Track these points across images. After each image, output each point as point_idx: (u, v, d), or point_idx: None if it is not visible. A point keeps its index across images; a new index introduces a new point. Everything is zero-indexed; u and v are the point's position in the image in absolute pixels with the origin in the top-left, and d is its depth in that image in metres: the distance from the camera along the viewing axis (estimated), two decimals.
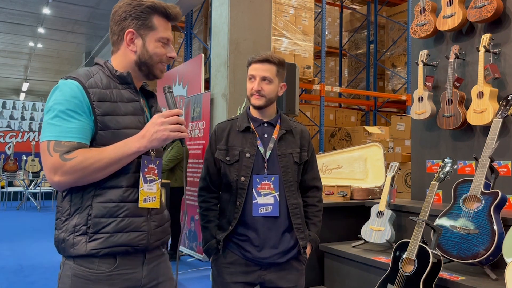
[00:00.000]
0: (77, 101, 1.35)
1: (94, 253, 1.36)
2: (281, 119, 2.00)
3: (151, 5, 1.46)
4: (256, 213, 1.87)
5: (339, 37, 9.35)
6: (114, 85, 1.44)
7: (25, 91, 19.69)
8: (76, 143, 1.34)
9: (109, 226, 1.38)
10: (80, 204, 1.39)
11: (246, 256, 1.88)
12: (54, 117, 1.34)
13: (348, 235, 3.50)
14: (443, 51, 3.47)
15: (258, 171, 1.90)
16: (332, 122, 7.97)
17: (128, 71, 1.47)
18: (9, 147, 12.64)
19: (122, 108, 1.42)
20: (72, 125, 1.34)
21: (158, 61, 1.49)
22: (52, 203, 10.63)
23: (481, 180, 2.50)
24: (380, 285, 2.51)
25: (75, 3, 9.32)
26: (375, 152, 3.79)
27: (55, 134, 1.33)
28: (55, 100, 1.36)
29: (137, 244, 1.42)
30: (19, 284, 4.34)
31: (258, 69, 1.91)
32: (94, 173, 1.34)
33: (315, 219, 2.05)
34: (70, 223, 1.38)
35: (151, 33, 1.47)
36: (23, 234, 7.14)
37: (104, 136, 1.39)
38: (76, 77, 1.39)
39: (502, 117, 2.61)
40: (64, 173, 1.32)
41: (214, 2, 5.44)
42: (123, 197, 1.41)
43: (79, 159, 1.31)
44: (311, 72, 6.55)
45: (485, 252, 2.34)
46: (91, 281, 1.38)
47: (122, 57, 1.49)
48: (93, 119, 1.37)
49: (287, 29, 6.30)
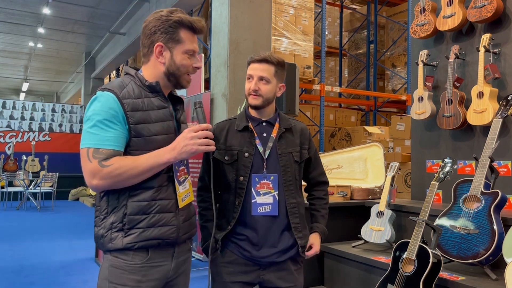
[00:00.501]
0: (113, 112, 1.49)
1: (129, 246, 1.52)
2: (280, 118, 1.99)
3: (178, 19, 1.59)
4: (255, 212, 1.87)
5: (339, 37, 9.36)
6: (145, 94, 1.58)
7: (25, 91, 19.70)
8: (112, 151, 1.49)
9: (142, 222, 1.53)
10: (117, 204, 1.54)
11: (245, 255, 1.87)
12: (92, 126, 1.49)
13: (348, 235, 3.50)
14: (443, 51, 3.47)
15: (257, 170, 1.89)
16: (332, 122, 7.96)
17: (157, 81, 1.61)
18: (9, 147, 12.63)
19: (152, 115, 1.56)
20: (109, 134, 1.48)
21: (184, 72, 1.62)
22: (52, 203, 10.63)
23: (481, 180, 2.50)
24: (380, 285, 2.51)
25: (75, 3, 9.32)
26: (375, 152, 3.79)
27: (94, 142, 1.48)
28: (93, 110, 1.50)
29: (168, 237, 1.57)
30: (19, 284, 4.34)
31: (256, 68, 1.91)
32: (127, 179, 1.49)
33: (323, 211, 2.10)
34: (108, 221, 1.54)
35: (178, 46, 1.60)
36: (23, 234, 7.14)
37: (137, 142, 1.53)
38: (111, 89, 1.53)
39: (502, 117, 2.61)
40: (101, 178, 1.47)
41: (214, 2, 5.44)
42: (154, 196, 1.55)
43: (115, 166, 1.46)
44: (311, 72, 6.55)
45: (485, 252, 2.34)
46: (126, 271, 1.54)
47: (152, 68, 1.62)
48: (127, 128, 1.52)
49: (287, 29, 6.30)
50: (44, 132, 13.25)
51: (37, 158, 12.66)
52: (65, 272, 4.82)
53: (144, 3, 8.68)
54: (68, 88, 19.43)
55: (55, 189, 10.51)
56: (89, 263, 5.19)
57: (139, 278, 1.54)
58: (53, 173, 10.63)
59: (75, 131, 13.71)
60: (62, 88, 20.10)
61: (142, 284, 1.55)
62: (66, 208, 10.79)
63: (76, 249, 5.99)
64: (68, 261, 5.30)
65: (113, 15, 9.99)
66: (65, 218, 9.02)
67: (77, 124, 13.75)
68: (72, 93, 18.79)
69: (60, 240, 6.68)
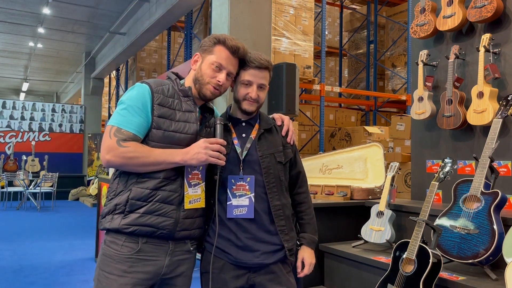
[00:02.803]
0: (144, 101, 1.64)
1: (124, 228, 1.60)
2: (260, 118, 1.94)
3: (216, 37, 1.77)
4: (231, 214, 1.80)
5: (339, 37, 9.36)
6: (178, 97, 1.73)
7: (25, 91, 19.70)
8: (132, 134, 1.61)
9: (142, 208, 1.61)
10: (124, 187, 1.65)
11: (230, 259, 1.81)
12: (123, 109, 1.64)
13: (348, 235, 3.49)
14: (443, 51, 3.47)
15: (233, 171, 1.83)
16: (332, 122, 7.96)
17: (190, 86, 1.77)
18: (9, 147, 12.64)
19: (177, 115, 1.69)
20: (134, 119, 1.62)
21: (207, 81, 1.74)
22: (52, 203, 10.63)
23: (481, 180, 2.50)
24: (380, 285, 2.51)
25: (75, 3, 9.31)
26: (375, 152, 3.78)
27: (119, 122, 1.63)
28: (128, 96, 1.66)
29: (163, 228, 1.63)
30: (19, 284, 4.34)
31: (256, 76, 1.84)
32: (137, 165, 1.60)
33: (307, 218, 1.97)
34: (113, 202, 1.65)
35: (209, 57, 1.75)
36: (23, 234, 7.14)
37: (156, 134, 1.65)
38: (148, 83, 1.69)
39: (502, 117, 2.61)
40: (115, 155, 1.59)
41: (214, 2, 5.44)
42: (158, 186, 1.64)
43: (130, 149, 1.59)
44: (311, 72, 6.55)
45: (485, 252, 2.34)
46: (114, 260, 1.62)
47: (190, 75, 1.82)
48: (151, 119, 1.65)
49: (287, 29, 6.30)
50: (44, 132, 13.25)
51: (37, 158, 12.66)
52: (65, 272, 4.82)
53: (144, 3, 8.68)
54: (68, 88, 19.43)
55: (55, 189, 10.51)
56: (89, 263, 5.19)
57: (124, 268, 1.61)
58: (53, 173, 10.63)
59: (75, 131, 13.71)
60: (62, 88, 20.09)
61: (128, 274, 1.60)
62: (66, 208, 10.79)
63: (76, 249, 5.99)
64: (68, 261, 5.30)
65: (113, 15, 9.99)
66: (65, 218, 9.02)
67: (77, 124, 13.75)
68: (72, 93, 18.79)
69: (60, 240, 6.68)
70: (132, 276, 1.60)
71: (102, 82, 14.33)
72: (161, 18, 7.81)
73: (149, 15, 8.51)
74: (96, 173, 12.09)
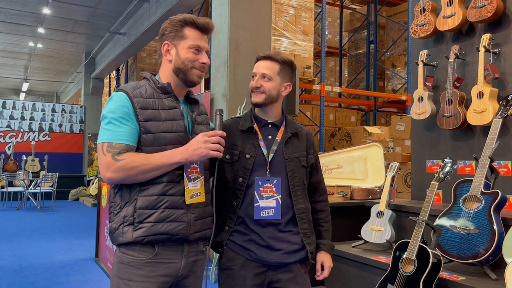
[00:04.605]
0: (126, 109, 1.58)
1: (139, 240, 1.56)
2: (286, 121, 1.96)
3: (182, 19, 1.68)
4: (258, 216, 1.83)
5: (339, 37, 9.36)
6: (157, 95, 1.66)
7: (25, 91, 19.70)
8: (125, 145, 1.57)
9: (152, 216, 1.57)
10: (129, 198, 1.60)
11: (252, 256, 1.84)
12: (107, 123, 1.59)
13: (348, 235, 3.50)
14: (443, 51, 3.47)
15: (259, 173, 1.85)
16: (332, 122, 7.96)
17: (168, 82, 1.69)
18: (9, 147, 12.63)
19: (162, 114, 1.63)
20: (121, 129, 1.57)
21: (191, 66, 1.67)
22: (52, 203, 10.63)
23: (481, 180, 2.50)
24: (380, 285, 2.51)
25: (75, 3, 9.32)
26: (375, 152, 3.79)
27: (107, 137, 1.57)
28: (108, 109, 1.60)
29: (177, 233, 1.60)
30: (19, 284, 4.34)
31: (259, 66, 1.90)
32: (139, 175, 1.56)
33: (326, 225, 2.02)
34: (120, 215, 1.60)
35: (183, 42, 1.67)
36: (23, 234, 7.14)
37: (147, 139, 1.60)
38: (124, 89, 1.63)
39: (502, 117, 2.61)
40: (114, 171, 1.54)
41: (214, 2, 5.44)
42: (164, 191, 1.60)
43: (127, 161, 1.54)
44: (311, 72, 6.55)
45: (485, 252, 2.34)
46: (133, 267, 1.58)
47: (164, 68, 1.72)
48: (138, 125, 1.59)
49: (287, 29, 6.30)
50: (44, 132, 13.25)
51: (37, 158, 12.66)
52: (65, 272, 4.82)
53: (144, 3, 8.69)
54: (68, 88, 19.43)
55: (55, 189, 10.51)
56: (89, 263, 5.19)
57: (145, 274, 1.58)
58: (53, 173, 10.63)
59: (75, 131, 13.71)
60: (62, 88, 20.10)
61: (149, 279, 1.58)
62: (66, 208, 10.78)
63: (76, 249, 5.98)
64: (68, 261, 5.30)
65: (113, 15, 9.99)
66: (65, 218, 9.02)
67: (77, 124, 13.75)
68: (72, 93, 18.79)
69: (60, 240, 6.67)
70: (154, 281, 1.59)
71: (102, 82, 14.33)
72: (161, 18, 7.81)
73: (149, 15, 8.51)
74: (96, 173, 12.09)
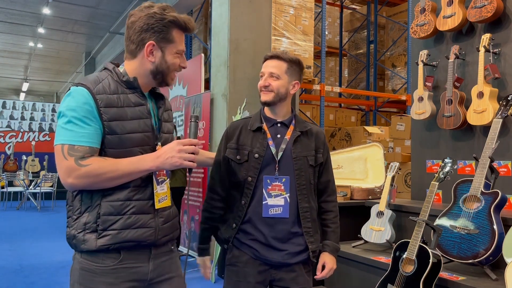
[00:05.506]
0: (88, 107, 1.43)
1: (103, 248, 1.45)
2: (295, 120, 1.97)
3: (173, 19, 1.54)
4: (266, 214, 1.85)
5: (339, 37, 9.35)
6: (122, 90, 1.51)
7: (25, 91, 19.69)
8: (88, 148, 1.42)
9: (117, 223, 1.46)
10: (90, 203, 1.47)
11: (255, 254, 1.87)
12: (67, 122, 1.42)
13: (348, 235, 3.49)
14: (443, 51, 3.47)
15: (268, 171, 1.87)
16: (332, 122, 7.96)
17: (135, 77, 1.53)
18: (9, 147, 12.63)
19: (128, 112, 1.49)
20: (84, 130, 1.42)
21: (172, 70, 1.58)
22: (52, 203, 10.63)
23: (481, 180, 2.50)
24: (380, 285, 2.51)
25: (75, 3, 9.32)
26: (375, 152, 3.78)
27: (68, 139, 1.42)
28: (67, 106, 1.43)
29: (145, 240, 1.50)
30: (19, 284, 4.34)
31: (267, 65, 1.92)
32: (105, 182, 1.44)
33: (333, 226, 2.00)
34: (80, 221, 1.47)
35: (170, 46, 1.55)
36: (23, 234, 7.14)
37: (112, 140, 1.46)
38: (85, 84, 1.45)
39: (502, 117, 2.61)
40: (78, 177, 1.41)
41: (214, 2, 5.44)
42: (129, 196, 1.49)
43: (93, 167, 1.41)
44: (311, 72, 6.55)
45: (485, 252, 2.34)
46: (97, 274, 1.47)
47: (138, 64, 1.55)
48: (101, 125, 1.44)
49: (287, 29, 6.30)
50: (44, 132, 13.25)
51: (37, 158, 12.66)
52: (65, 272, 4.82)
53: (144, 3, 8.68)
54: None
55: (55, 189, 10.52)
56: None
57: (111, 281, 1.47)
58: (53, 173, 10.63)
59: None
60: (62, 88, 20.09)
61: (116, 286, 1.48)
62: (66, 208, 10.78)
63: None
64: (68, 261, 5.28)
65: (113, 15, 9.99)
66: (65, 218, 9.00)
67: None
68: None
69: (60, 240, 6.67)
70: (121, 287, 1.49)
71: None
72: None
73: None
74: None
